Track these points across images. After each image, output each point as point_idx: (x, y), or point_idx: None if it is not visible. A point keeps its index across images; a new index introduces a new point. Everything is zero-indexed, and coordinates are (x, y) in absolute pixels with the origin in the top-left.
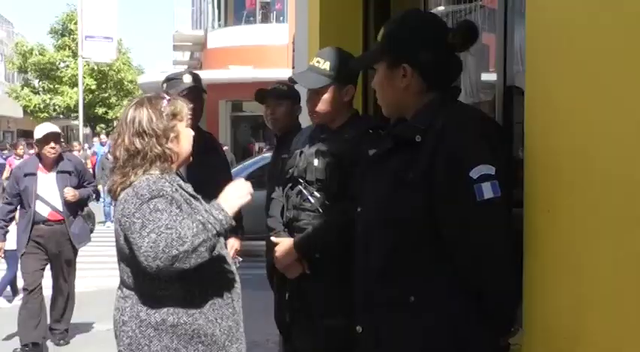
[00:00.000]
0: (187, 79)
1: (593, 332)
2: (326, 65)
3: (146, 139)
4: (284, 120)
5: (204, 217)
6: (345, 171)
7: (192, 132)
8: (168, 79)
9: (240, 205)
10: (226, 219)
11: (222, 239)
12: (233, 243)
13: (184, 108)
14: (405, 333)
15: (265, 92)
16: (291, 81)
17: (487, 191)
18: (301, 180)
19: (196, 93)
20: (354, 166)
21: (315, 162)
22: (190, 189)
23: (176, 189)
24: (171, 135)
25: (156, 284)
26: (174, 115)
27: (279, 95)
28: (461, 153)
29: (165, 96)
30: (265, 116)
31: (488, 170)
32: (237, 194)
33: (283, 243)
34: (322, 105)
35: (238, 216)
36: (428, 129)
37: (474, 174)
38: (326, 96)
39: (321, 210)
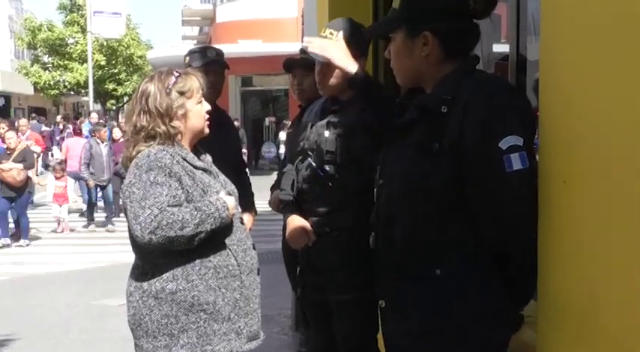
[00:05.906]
0: (210, 53)
1: (608, 306)
2: (339, 37)
3: (151, 117)
4: (310, 91)
5: (216, 215)
6: (356, 141)
7: (204, 108)
8: (192, 52)
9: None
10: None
11: (238, 208)
12: (247, 221)
13: (195, 84)
14: (430, 306)
15: (293, 61)
16: (302, 52)
17: (516, 162)
18: (311, 153)
19: (217, 67)
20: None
21: (326, 133)
22: (199, 163)
23: (177, 161)
24: (179, 112)
25: (156, 253)
26: (181, 93)
27: (308, 65)
28: (489, 124)
29: (175, 72)
30: (291, 85)
31: (517, 141)
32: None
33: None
34: (334, 79)
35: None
36: (454, 99)
37: (503, 144)
38: (338, 70)
39: (330, 183)
